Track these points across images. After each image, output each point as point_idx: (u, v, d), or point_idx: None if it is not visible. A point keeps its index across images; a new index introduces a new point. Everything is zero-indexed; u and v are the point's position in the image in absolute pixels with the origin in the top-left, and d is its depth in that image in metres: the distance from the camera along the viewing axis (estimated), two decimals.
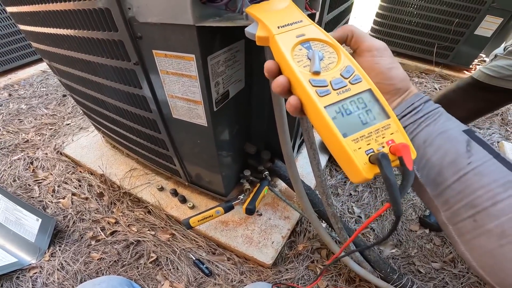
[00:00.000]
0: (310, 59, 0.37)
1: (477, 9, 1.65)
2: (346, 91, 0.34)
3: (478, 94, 0.95)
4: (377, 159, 0.30)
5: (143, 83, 0.61)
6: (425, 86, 1.93)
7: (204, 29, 0.47)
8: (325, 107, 0.33)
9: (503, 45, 0.89)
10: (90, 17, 0.54)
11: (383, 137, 0.32)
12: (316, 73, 0.35)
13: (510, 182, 0.27)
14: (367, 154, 0.31)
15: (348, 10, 0.97)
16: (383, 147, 0.32)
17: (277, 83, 0.32)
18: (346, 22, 1.08)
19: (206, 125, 0.65)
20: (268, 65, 0.34)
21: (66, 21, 0.61)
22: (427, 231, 1.03)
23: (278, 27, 0.40)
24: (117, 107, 0.78)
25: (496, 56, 0.88)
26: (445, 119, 0.32)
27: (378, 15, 2.06)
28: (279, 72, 0.35)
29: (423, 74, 2.07)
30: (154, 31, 0.51)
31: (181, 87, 0.59)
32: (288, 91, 0.33)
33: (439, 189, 0.31)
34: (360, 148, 0.31)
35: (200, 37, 0.48)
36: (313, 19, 0.60)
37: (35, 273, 0.86)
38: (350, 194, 1.16)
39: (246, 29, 0.43)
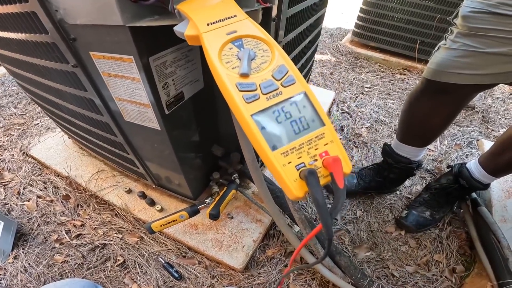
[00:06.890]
0: (240, 59, 0.32)
1: (459, 4, 1.61)
2: (277, 95, 0.30)
3: (435, 100, 0.81)
4: (305, 177, 0.27)
5: (87, 86, 0.57)
6: (407, 83, 1.90)
7: (141, 29, 0.43)
8: (252, 115, 0.29)
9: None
10: (20, 20, 0.51)
11: (316, 149, 0.29)
12: (244, 75, 0.31)
13: None
14: (298, 169, 0.28)
15: (320, 5, 0.92)
16: (316, 160, 0.28)
17: None
18: (321, 18, 1.03)
19: (159, 128, 0.61)
20: None
21: (2, 24, 0.58)
22: (402, 233, 1.01)
23: (208, 24, 0.35)
24: (70, 110, 0.73)
25: (439, 47, 0.76)
26: None
27: (362, 10, 2.02)
28: None
29: (405, 70, 2.03)
30: (87, 33, 0.47)
31: (126, 89, 0.55)
32: None
33: None
34: (290, 162, 0.28)
35: (136, 37, 0.44)
36: (269, 14, 0.57)
37: (0, 274, 0.83)
38: (328, 198, 1.13)
39: (174, 28, 0.39)
